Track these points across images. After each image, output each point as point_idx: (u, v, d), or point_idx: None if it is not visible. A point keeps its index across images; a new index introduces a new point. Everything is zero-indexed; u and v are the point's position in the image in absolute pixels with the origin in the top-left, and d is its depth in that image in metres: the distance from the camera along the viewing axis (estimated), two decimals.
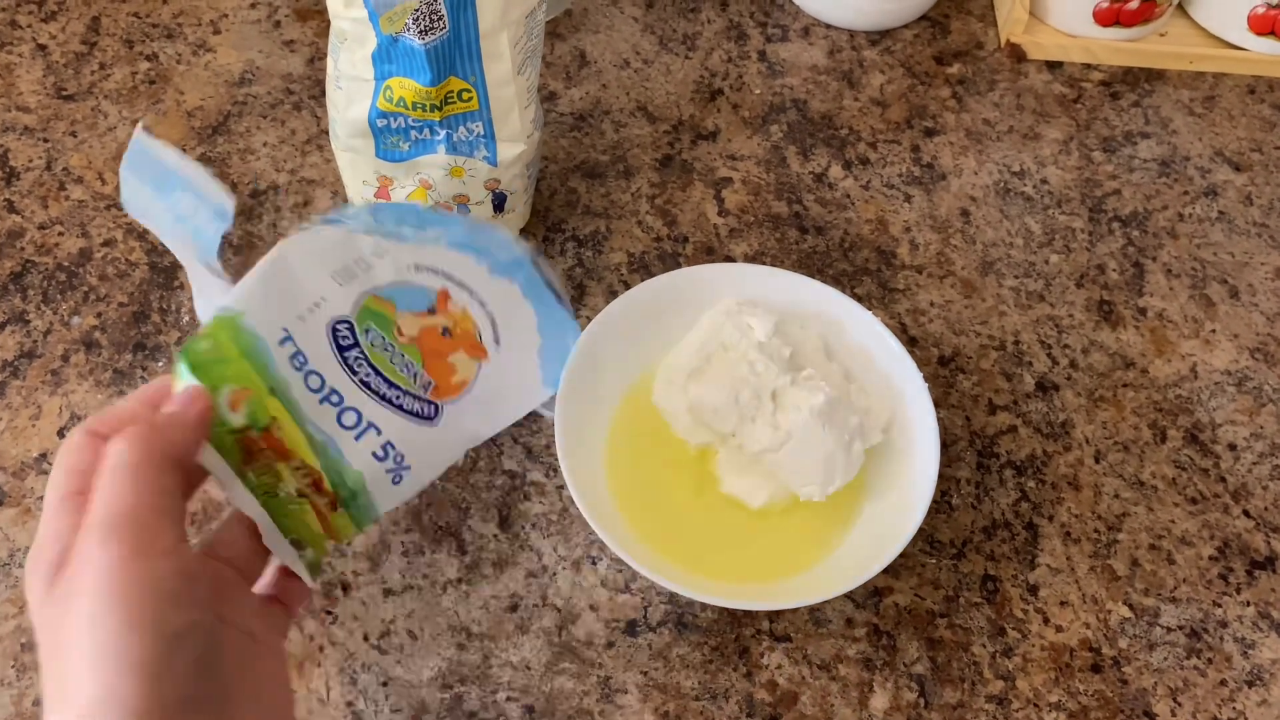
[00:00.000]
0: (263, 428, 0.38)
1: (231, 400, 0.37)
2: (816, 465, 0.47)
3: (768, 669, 0.47)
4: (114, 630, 0.28)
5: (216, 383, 0.37)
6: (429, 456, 0.44)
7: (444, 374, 0.44)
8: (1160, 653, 0.49)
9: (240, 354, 0.38)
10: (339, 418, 0.41)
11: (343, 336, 0.41)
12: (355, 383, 0.41)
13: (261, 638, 0.36)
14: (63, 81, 0.63)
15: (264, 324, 0.39)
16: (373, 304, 0.42)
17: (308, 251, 0.40)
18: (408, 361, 0.43)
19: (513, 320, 0.46)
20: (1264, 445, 0.55)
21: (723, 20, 0.70)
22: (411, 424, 0.43)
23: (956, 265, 0.60)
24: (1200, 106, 0.67)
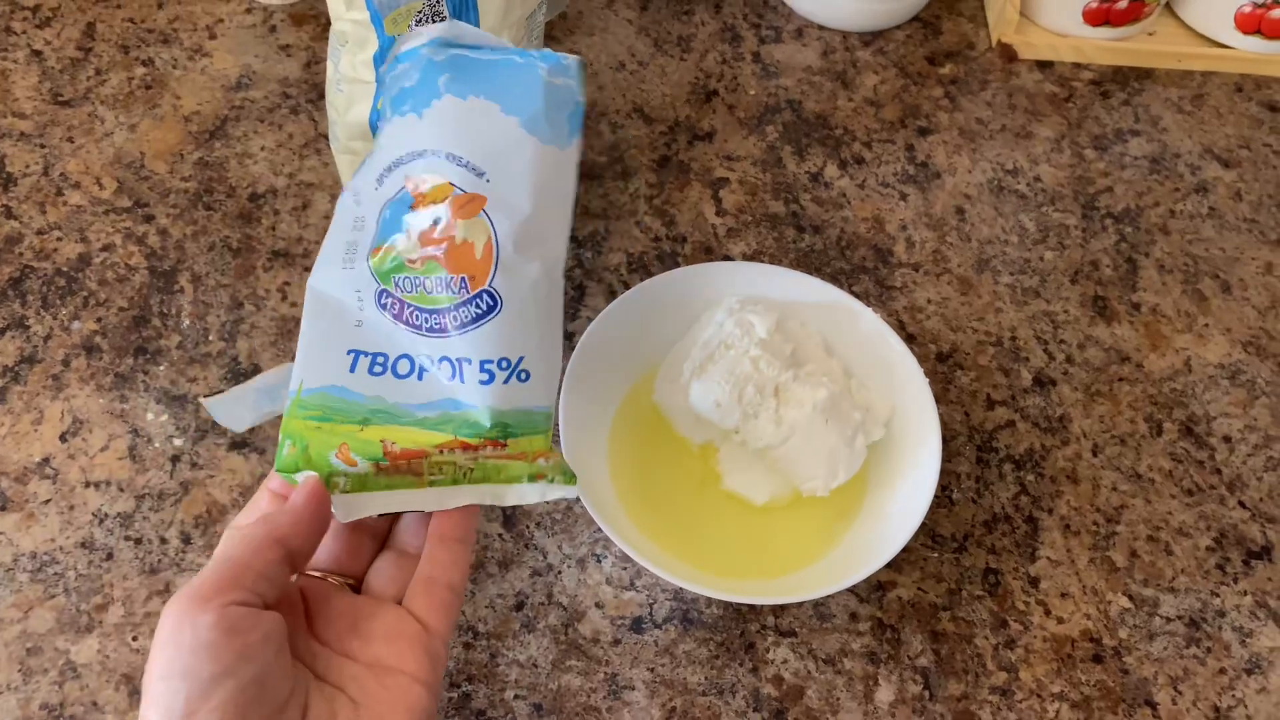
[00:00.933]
0: (382, 455, 0.37)
1: (341, 458, 0.37)
2: (820, 460, 0.47)
3: (773, 664, 0.47)
4: (156, 676, 0.31)
5: (319, 461, 0.37)
6: (526, 334, 0.38)
7: (466, 257, 0.38)
8: (1160, 642, 0.49)
9: (318, 423, 0.37)
10: (439, 376, 0.38)
11: (392, 307, 0.38)
12: (424, 334, 0.38)
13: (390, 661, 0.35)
14: (59, 87, 0.63)
15: (324, 372, 0.38)
16: (378, 261, 0.38)
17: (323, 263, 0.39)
18: (436, 279, 0.38)
19: (473, 133, 0.39)
20: (1258, 437, 0.55)
21: (717, 22, 0.70)
22: (484, 329, 0.38)
23: (952, 262, 0.60)
24: (1189, 104, 0.68)
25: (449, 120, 0.38)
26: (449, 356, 0.37)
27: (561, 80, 0.39)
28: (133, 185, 0.60)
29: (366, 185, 0.38)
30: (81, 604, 0.47)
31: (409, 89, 0.38)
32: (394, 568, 0.38)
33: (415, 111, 0.38)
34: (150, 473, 0.50)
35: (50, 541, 0.48)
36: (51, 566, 0.48)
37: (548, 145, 0.39)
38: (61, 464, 0.50)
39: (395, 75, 0.39)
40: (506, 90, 0.38)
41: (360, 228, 0.38)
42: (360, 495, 0.37)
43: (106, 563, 0.48)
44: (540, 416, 0.38)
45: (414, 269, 0.37)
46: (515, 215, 0.38)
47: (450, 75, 0.38)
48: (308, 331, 0.38)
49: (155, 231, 0.58)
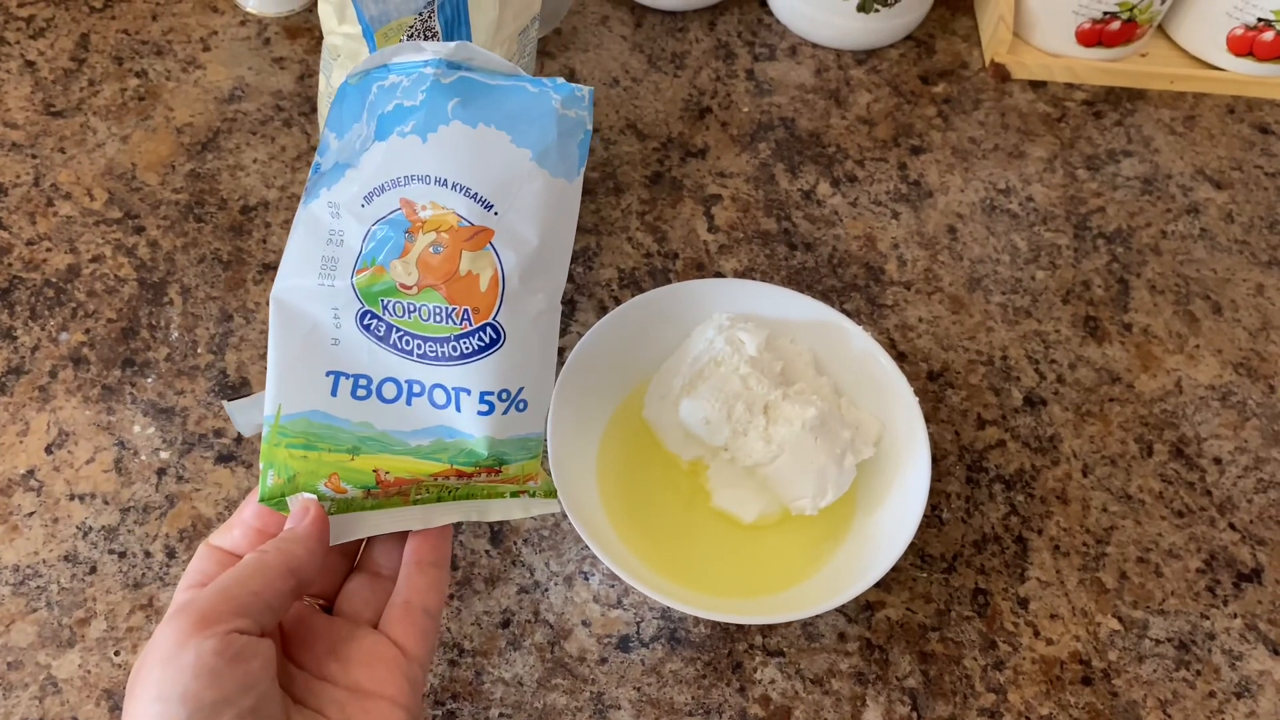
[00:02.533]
0: (375, 484, 0.36)
1: (331, 488, 0.36)
2: (809, 479, 0.47)
3: (761, 684, 0.47)
4: (151, 696, 0.30)
5: (307, 491, 0.36)
6: (527, 365, 0.37)
7: (471, 291, 0.36)
8: (1150, 665, 0.49)
9: (303, 451, 0.36)
10: (432, 403, 0.37)
11: (375, 328, 0.37)
12: (415, 360, 0.37)
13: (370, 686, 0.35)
14: (51, 98, 0.63)
15: (303, 395, 0.36)
16: (364, 282, 0.37)
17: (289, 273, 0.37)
18: (434, 309, 0.36)
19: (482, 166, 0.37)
20: (1248, 459, 0.55)
21: (711, 39, 0.70)
22: (486, 362, 0.36)
23: (944, 281, 0.60)
24: (1181, 126, 0.68)
25: (457, 148, 0.37)
26: (444, 385, 0.36)
27: (574, 111, 0.38)
28: (123, 196, 0.59)
29: (349, 200, 0.37)
30: (63, 618, 0.47)
31: (410, 108, 0.37)
32: (367, 590, 0.38)
33: (419, 134, 0.37)
34: (136, 486, 0.50)
35: (33, 554, 0.48)
36: (34, 580, 0.47)
37: (557, 178, 0.38)
38: (46, 476, 0.50)
39: (386, 86, 0.38)
40: (518, 121, 0.37)
41: (339, 242, 0.37)
42: (347, 517, 0.37)
43: (90, 576, 0.48)
44: (534, 443, 0.38)
45: (408, 294, 0.36)
46: (523, 249, 0.37)
47: (460, 100, 0.37)
48: (279, 348, 0.36)
49: (145, 243, 0.58)
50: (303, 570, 0.34)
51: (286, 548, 0.34)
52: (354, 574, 0.38)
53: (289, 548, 0.34)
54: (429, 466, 0.36)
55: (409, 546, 0.38)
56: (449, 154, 0.36)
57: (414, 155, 0.37)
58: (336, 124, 0.39)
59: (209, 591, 0.32)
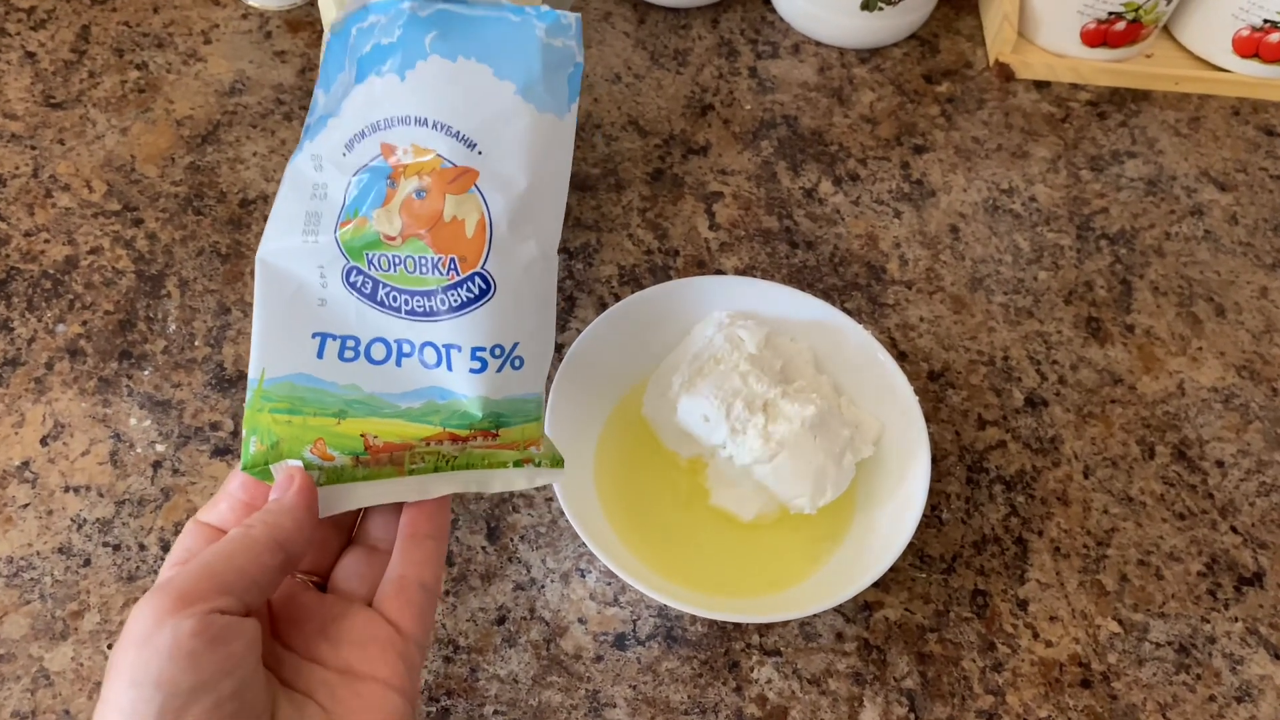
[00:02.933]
0: (363, 449, 0.34)
1: (318, 454, 0.34)
2: (807, 478, 0.47)
3: (757, 683, 0.47)
4: (125, 681, 0.28)
5: (291, 458, 0.34)
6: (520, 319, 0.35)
7: (457, 237, 0.34)
8: (1149, 668, 0.48)
9: (287, 415, 0.34)
10: (423, 363, 0.35)
11: (361, 285, 0.35)
12: (404, 317, 0.35)
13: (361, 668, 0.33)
14: (51, 89, 0.63)
15: (288, 358, 0.34)
16: (348, 235, 0.35)
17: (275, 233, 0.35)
18: (418, 260, 0.34)
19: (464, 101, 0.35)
20: (1251, 462, 0.55)
21: (714, 36, 0.70)
22: (476, 314, 0.34)
23: (946, 281, 0.60)
24: (1186, 127, 0.68)
25: (436, 84, 0.34)
26: (434, 342, 0.34)
27: (561, 41, 0.35)
28: (122, 188, 0.59)
29: (330, 150, 0.35)
30: (57, 610, 0.46)
31: (387, 46, 0.34)
32: (362, 565, 0.36)
33: (396, 73, 0.34)
34: (131, 478, 0.50)
35: (27, 546, 0.48)
36: (28, 571, 0.47)
37: (545, 113, 0.35)
38: (41, 468, 0.50)
39: (365, 28, 0.35)
40: (500, 51, 0.35)
41: (322, 196, 0.35)
42: (337, 488, 0.34)
43: (84, 569, 0.47)
44: (533, 404, 0.36)
45: (392, 246, 0.34)
46: (510, 191, 0.34)
47: (438, 33, 0.34)
48: (264, 311, 0.34)
49: (144, 235, 0.58)
50: (291, 544, 0.32)
51: (273, 520, 0.32)
52: (349, 549, 0.37)
53: (275, 520, 0.32)
54: (420, 430, 0.34)
55: (404, 518, 0.36)
56: (428, 91, 0.34)
57: (393, 96, 0.34)
58: (324, 79, 0.37)
59: (190, 568, 0.30)
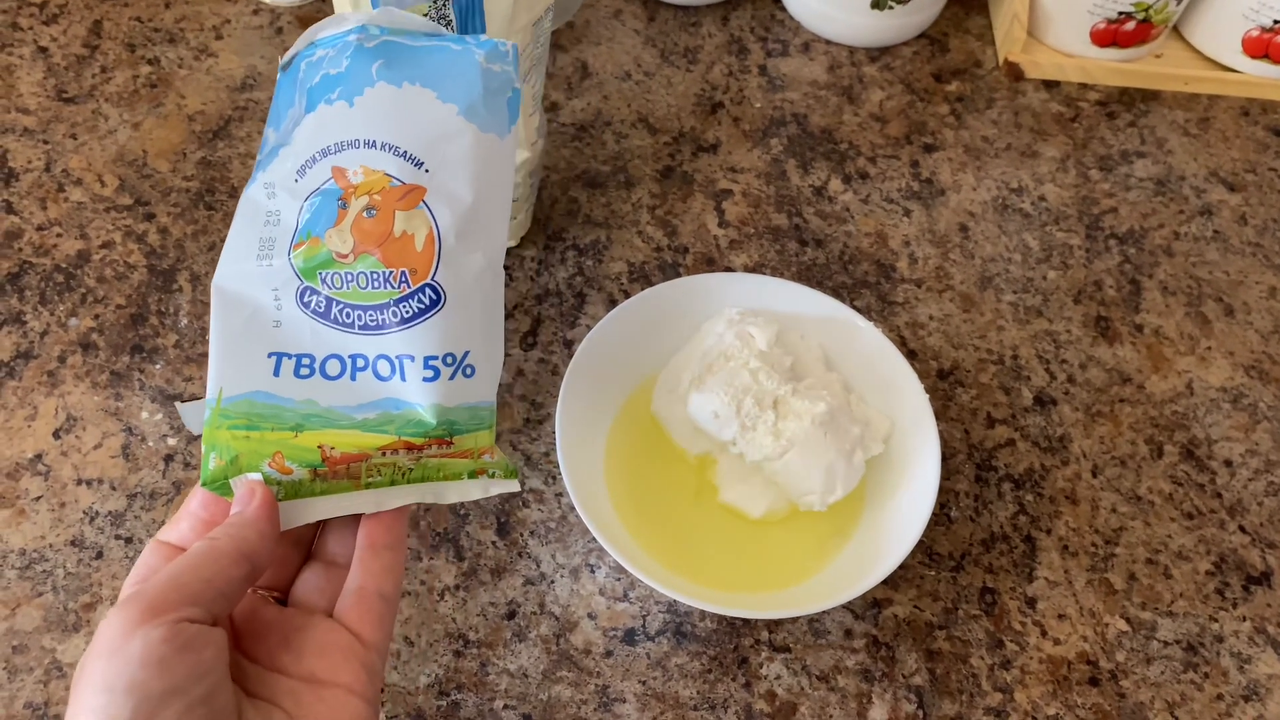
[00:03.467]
0: (321, 462, 0.35)
1: (275, 467, 0.35)
2: (817, 475, 0.47)
3: (766, 679, 0.47)
4: (97, 687, 0.29)
5: (251, 470, 0.35)
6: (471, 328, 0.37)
7: (407, 251, 0.36)
8: (1157, 667, 0.49)
9: (245, 431, 0.35)
10: (377, 375, 0.36)
11: (316, 305, 0.36)
12: (357, 333, 0.36)
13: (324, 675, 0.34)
14: (63, 84, 0.63)
15: (245, 377, 0.35)
16: (301, 256, 0.36)
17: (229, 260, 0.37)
18: (371, 275, 0.36)
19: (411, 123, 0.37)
20: (1259, 462, 0.55)
21: (724, 34, 0.70)
22: (427, 324, 0.36)
23: (955, 280, 0.60)
24: (1195, 127, 0.68)
25: (383, 108, 0.36)
26: (387, 354, 0.36)
27: (499, 66, 0.38)
28: (134, 183, 0.59)
29: (283, 177, 0.36)
30: (69, 602, 0.46)
31: (336, 75, 0.36)
32: (321, 579, 0.37)
33: (345, 99, 0.36)
34: (143, 471, 0.50)
35: (40, 539, 0.48)
36: (40, 564, 0.47)
37: (487, 133, 0.37)
38: (54, 461, 0.50)
39: (313, 62, 0.37)
40: (443, 76, 0.37)
41: (275, 222, 0.36)
42: (296, 502, 0.35)
43: (96, 561, 0.48)
44: (485, 412, 0.37)
45: (344, 264, 0.35)
46: (457, 206, 0.36)
47: (383, 62, 0.36)
48: (220, 334, 0.36)
49: (155, 230, 0.58)
50: (255, 555, 0.33)
51: (236, 532, 0.33)
52: (308, 564, 0.37)
53: (239, 532, 0.33)
54: (376, 440, 0.35)
55: (362, 530, 0.37)
56: (376, 115, 0.36)
57: (342, 121, 0.36)
58: (274, 117, 0.38)
59: (157, 580, 0.31)
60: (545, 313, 0.57)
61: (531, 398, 0.54)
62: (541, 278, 0.58)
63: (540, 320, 0.56)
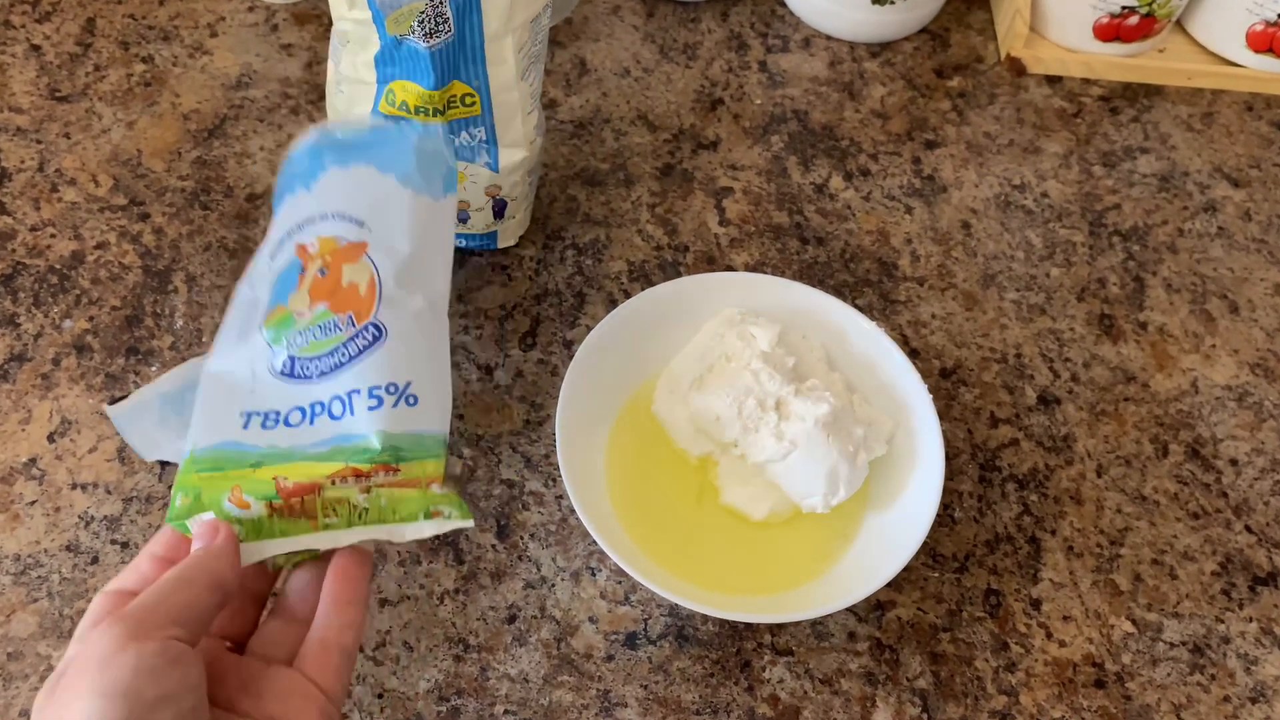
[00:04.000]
0: (274, 493, 0.37)
1: (234, 501, 0.37)
2: (820, 477, 0.46)
3: (769, 683, 0.46)
4: (91, 692, 0.30)
5: (212, 507, 0.37)
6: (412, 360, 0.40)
7: (352, 297, 0.40)
8: (1164, 668, 0.48)
9: (210, 473, 0.38)
10: (331, 415, 0.39)
11: (283, 366, 0.40)
12: (317, 381, 0.39)
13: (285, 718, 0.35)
14: (56, 83, 0.62)
15: (216, 432, 0.39)
16: (271, 325, 0.40)
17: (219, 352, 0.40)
18: (325, 323, 0.40)
19: (354, 193, 0.42)
20: (1265, 460, 0.54)
21: (723, 30, 0.69)
22: (371, 359, 0.39)
23: (958, 277, 0.60)
24: (1199, 122, 0.68)
25: (334, 186, 0.42)
26: (339, 394, 0.39)
27: (431, 144, 0.43)
28: (129, 183, 0.59)
29: (260, 267, 0.41)
30: (65, 608, 0.46)
31: (298, 173, 0.42)
32: (281, 632, 0.37)
33: (304, 186, 0.42)
34: (139, 475, 0.50)
35: (35, 544, 0.47)
36: (35, 569, 0.47)
37: (422, 195, 0.42)
38: (49, 465, 0.50)
39: (289, 173, 0.43)
40: (382, 154, 0.42)
41: (255, 307, 0.41)
42: (255, 543, 0.37)
43: (91, 566, 0.47)
44: (432, 440, 0.39)
45: (302, 321, 0.40)
46: (395, 256, 0.40)
47: (334, 152, 0.42)
48: (202, 410, 0.39)
49: (150, 230, 0.57)
50: (226, 585, 0.34)
51: (208, 563, 0.34)
52: (268, 618, 0.38)
53: (209, 563, 0.34)
54: (326, 468, 0.37)
55: (327, 584, 0.37)
56: (328, 193, 0.42)
57: (303, 204, 0.42)
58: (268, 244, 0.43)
59: (142, 602, 0.32)
60: (544, 313, 0.56)
61: (531, 399, 0.53)
62: (540, 277, 0.57)
63: (539, 320, 0.56)
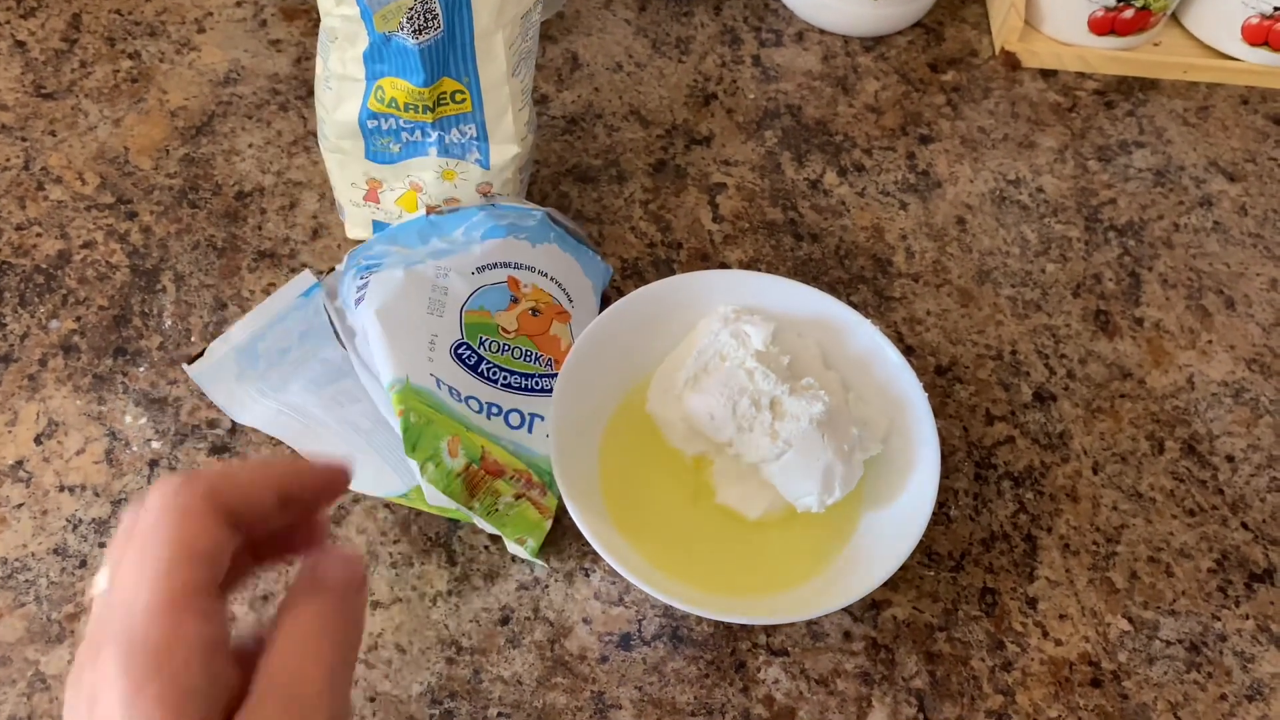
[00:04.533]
0: (479, 458, 0.45)
1: (450, 448, 0.44)
2: (815, 476, 0.46)
3: (764, 684, 0.46)
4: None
5: (435, 439, 0.44)
6: None
7: (554, 347, 0.50)
8: (1160, 667, 0.48)
9: (433, 409, 0.45)
10: (507, 422, 0.47)
11: (467, 356, 0.47)
12: (499, 388, 0.48)
13: None
14: (42, 79, 0.62)
15: (421, 376, 0.46)
16: (471, 318, 0.48)
17: (396, 304, 0.47)
18: (525, 351, 0.49)
19: (568, 276, 0.52)
20: (1261, 457, 0.54)
21: (716, 24, 0.69)
22: None
23: (953, 274, 0.59)
24: (1194, 116, 0.67)
25: (554, 259, 0.52)
26: (520, 410, 0.48)
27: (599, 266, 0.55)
28: (116, 181, 0.58)
29: (461, 267, 0.49)
30: (52, 613, 0.45)
31: (524, 225, 0.51)
32: None
33: (529, 241, 0.51)
34: (127, 477, 0.49)
35: (22, 547, 0.47)
36: (22, 573, 0.46)
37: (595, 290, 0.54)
38: (36, 467, 0.49)
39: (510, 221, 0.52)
40: (585, 262, 0.54)
41: (444, 292, 0.48)
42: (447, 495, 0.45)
43: (80, 570, 0.47)
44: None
45: (506, 337, 0.49)
46: (582, 328, 0.50)
47: (558, 234, 0.53)
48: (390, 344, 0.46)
49: (138, 229, 0.57)
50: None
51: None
52: None
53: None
54: (514, 462, 0.46)
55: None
56: (548, 260, 0.51)
57: (525, 252, 0.51)
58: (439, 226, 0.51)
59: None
60: None
61: None
62: None
63: None
